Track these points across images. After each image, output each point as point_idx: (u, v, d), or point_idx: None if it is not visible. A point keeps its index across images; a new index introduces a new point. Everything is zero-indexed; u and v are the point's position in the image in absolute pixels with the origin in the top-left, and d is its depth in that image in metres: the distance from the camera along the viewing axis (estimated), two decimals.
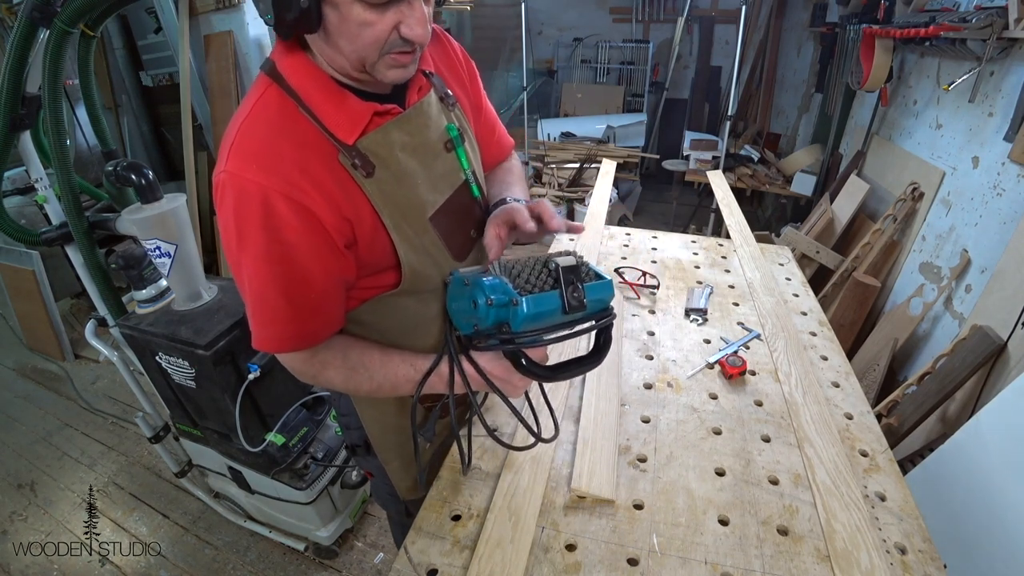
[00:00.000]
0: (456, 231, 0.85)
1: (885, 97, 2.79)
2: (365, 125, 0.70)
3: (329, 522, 1.76)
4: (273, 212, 0.64)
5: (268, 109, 0.67)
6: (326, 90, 0.68)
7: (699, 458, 0.92)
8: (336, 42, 0.63)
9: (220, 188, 0.65)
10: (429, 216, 0.78)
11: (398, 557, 0.76)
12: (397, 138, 0.73)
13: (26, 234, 1.60)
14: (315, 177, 0.66)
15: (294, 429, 1.61)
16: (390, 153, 0.72)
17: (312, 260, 0.68)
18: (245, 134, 0.66)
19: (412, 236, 0.76)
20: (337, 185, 0.68)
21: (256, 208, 0.64)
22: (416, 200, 0.76)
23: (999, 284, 1.75)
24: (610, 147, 4.43)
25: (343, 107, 0.68)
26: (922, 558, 0.76)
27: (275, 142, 0.66)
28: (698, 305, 1.36)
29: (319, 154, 0.67)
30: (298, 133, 0.67)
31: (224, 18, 3.01)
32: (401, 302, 0.82)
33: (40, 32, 1.34)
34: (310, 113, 0.67)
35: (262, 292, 0.69)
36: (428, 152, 0.78)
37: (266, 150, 0.65)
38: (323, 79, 0.68)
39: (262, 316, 0.71)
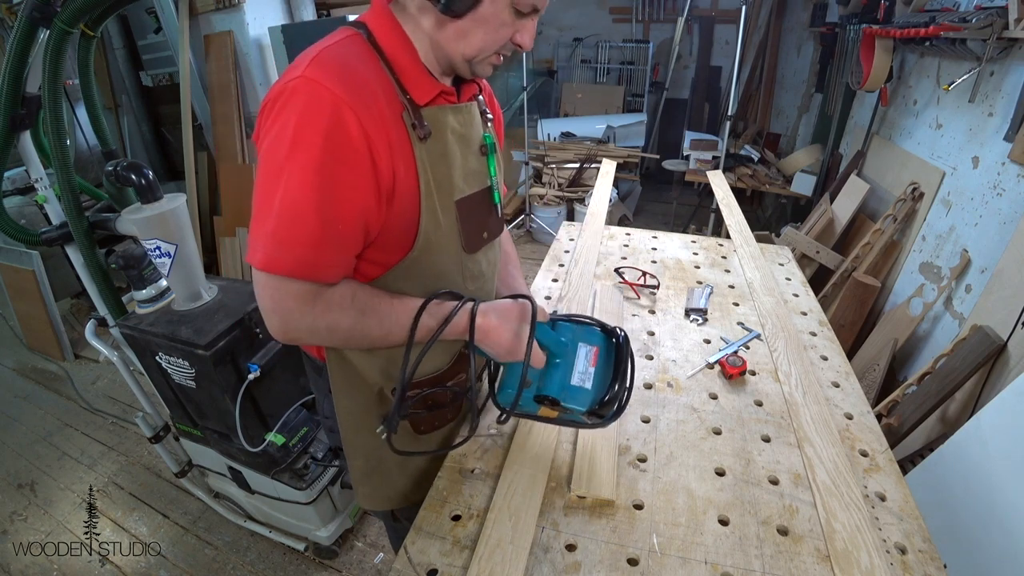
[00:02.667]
0: (473, 224, 0.87)
1: (885, 97, 2.79)
2: (434, 96, 0.75)
3: (329, 522, 1.76)
4: (343, 126, 0.64)
5: (352, 47, 0.71)
6: (412, 57, 0.73)
7: (699, 458, 0.92)
8: (473, 31, 0.69)
9: (288, 93, 0.64)
10: (456, 199, 0.81)
11: (398, 557, 0.76)
12: (450, 121, 0.79)
13: (26, 234, 1.60)
14: (383, 116, 0.69)
15: (294, 429, 1.61)
16: (442, 130, 0.77)
17: (358, 190, 0.68)
18: (329, 54, 0.67)
19: (438, 209, 0.78)
20: (393, 137, 0.70)
21: (327, 116, 0.63)
22: (450, 179, 0.79)
23: (999, 284, 1.75)
24: (610, 147, 4.42)
25: (421, 75, 0.74)
26: (922, 558, 0.76)
27: (358, 69, 0.68)
28: (698, 305, 1.36)
29: (389, 103, 0.70)
30: (375, 76, 0.70)
31: (224, 18, 3.01)
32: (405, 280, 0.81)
33: (40, 32, 1.34)
34: (389, 68, 0.72)
35: (298, 205, 0.65)
36: (468, 146, 0.83)
37: (349, 70, 0.67)
38: (411, 49, 0.74)
39: (286, 232, 0.66)
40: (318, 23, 2.95)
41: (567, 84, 5.50)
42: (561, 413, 0.78)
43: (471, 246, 0.87)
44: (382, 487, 1.02)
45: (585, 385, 0.77)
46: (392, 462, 0.99)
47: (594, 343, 0.81)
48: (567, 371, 0.78)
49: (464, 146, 0.82)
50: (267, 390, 1.51)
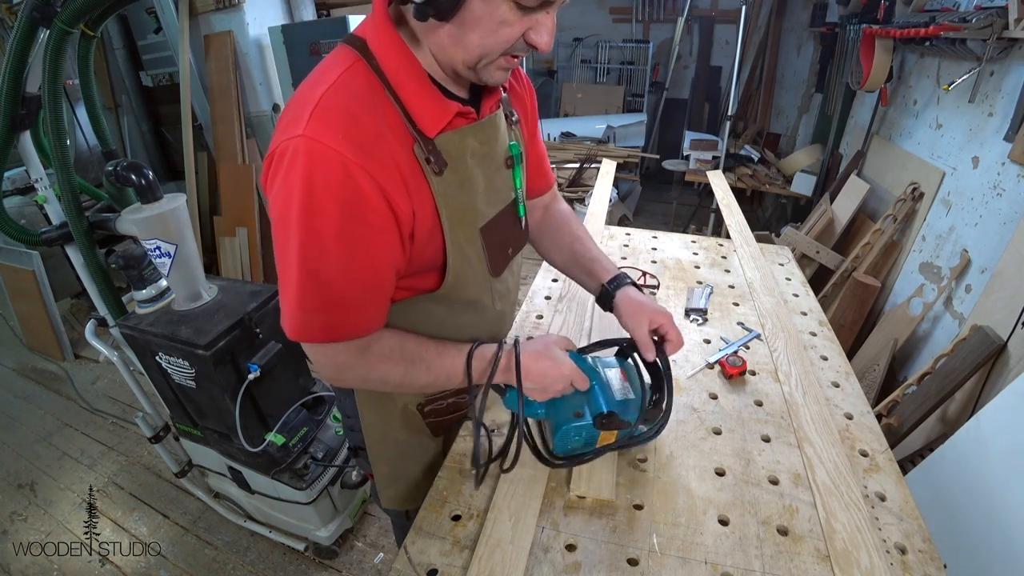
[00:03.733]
0: (499, 247, 0.84)
1: (885, 97, 2.79)
2: (448, 122, 0.69)
3: (329, 522, 1.76)
4: (356, 188, 0.60)
5: (355, 81, 0.64)
6: (417, 80, 0.66)
7: (699, 458, 0.92)
8: (466, 34, 0.61)
9: (291, 153, 0.60)
10: (480, 227, 0.78)
11: (398, 557, 0.76)
12: (470, 143, 0.73)
13: (26, 234, 1.60)
14: (395, 159, 0.64)
15: (294, 429, 1.61)
16: (461, 156, 0.72)
17: (383, 245, 0.66)
18: (331, 103, 0.61)
19: (463, 242, 0.76)
20: (406, 175, 0.66)
21: (337, 180, 0.59)
22: (473, 208, 0.76)
23: (999, 284, 1.75)
24: (610, 147, 4.43)
25: (430, 100, 0.67)
26: (922, 558, 0.76)
27: (361, 115, 0.62)
28: (698, 305, 1.36)
29: (398, 139, 0.65)
30: (381, 113, 0.64)
31: (224, 18, 3.01)
32: (432, 308, 0.81)
33: (40, 32, 1.34)
34: (396, 98, 0.65)
35: (320, 275, 0.63)
36: (491, 164, 0.78)
37: (353, 121, 0.61)
38: (417, 68, 0.67)
39: (312, 302, 0.65)
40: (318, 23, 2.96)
41: (567, 84, 5.50)
42: (619, 429, 0.83)
43: (497, 269, 0.86)
44: (407, 489, 1.03)
45: (629, 396, 0.84)
46: (418, 467, 1.02)
47: (614, 365, 0.90)
48: (608, 390, 0.84)
49: (487, 166, 0.77)
50: (267, 390, 1.51)
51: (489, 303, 0.88)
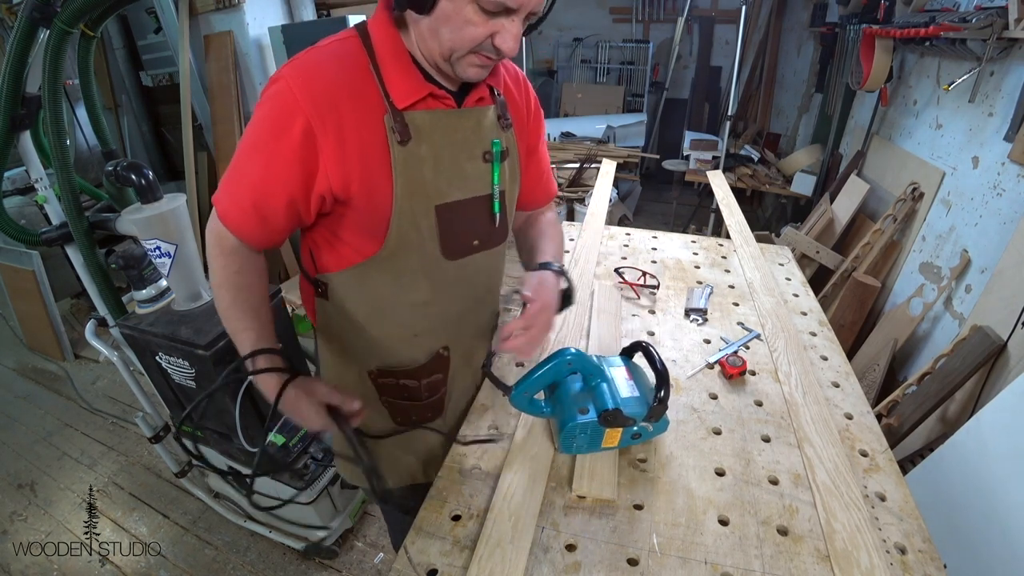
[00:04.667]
0: (457, 231, 0.87)
1: (885, 97, 2.79)
2: (418, 99, 0.77)
3: (329, 522, 1.76)
4: (287, 127, 0.72)
5: (342, 49, 0.76)
6: (400, 60, 0.76)
7: (699, 458, 0.92)
8: (438, 28, 0.70)
9: (270, 83, 0.74)
10: (437, 204, 0.82)
11: (398, 557, 0.76)
12: (440, 124, 0.80)
13: (26, 234, 1.60)
14: (343, 118, 0.73)
15: (294, 429, 1.61)
16: (429, 133, 0.79)
17: (287, 176, 0.75)
18: (311, 55, 0.75)
19: (412, 213, 0.81)
20: (367, 139, 0.75)
21: (278, 110, 0.73)
22: (431, 183, 0.81)
23: (999, 284, 1.75)
24: (610, 147, 4.42)
25: (407, 77, 0.76)
26: (922, 558, 0.76)
27: (329, 73, 0.74)
28: (698, 305, 1.36)
29: (367, 105, 0.75)
30: (356, 80, 0.75)
31: (224, 18, 3.01)
32: (377, 279, 0.87)
33: (40, 32, 1.34)
34: (377, 71, 0.75)
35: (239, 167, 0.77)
36: (464, 151, 0.84)
37: (317, 74, 0.73)
38: (402, 51, 0.76)
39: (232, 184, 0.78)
40: (318, 23, 2.95)
41: (567, 84, 5.50)
42: (623, 426, 0.85)
43: (453, 253, 0.88)
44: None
45: (635, 394, 0.87)
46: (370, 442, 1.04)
47: (619, 364, 0.93)
48: (613, 388, 0.87)
49: (460, 152, 0.83)
50: None
51: (429, 284, 0.89)
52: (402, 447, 1.07)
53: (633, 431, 0.88)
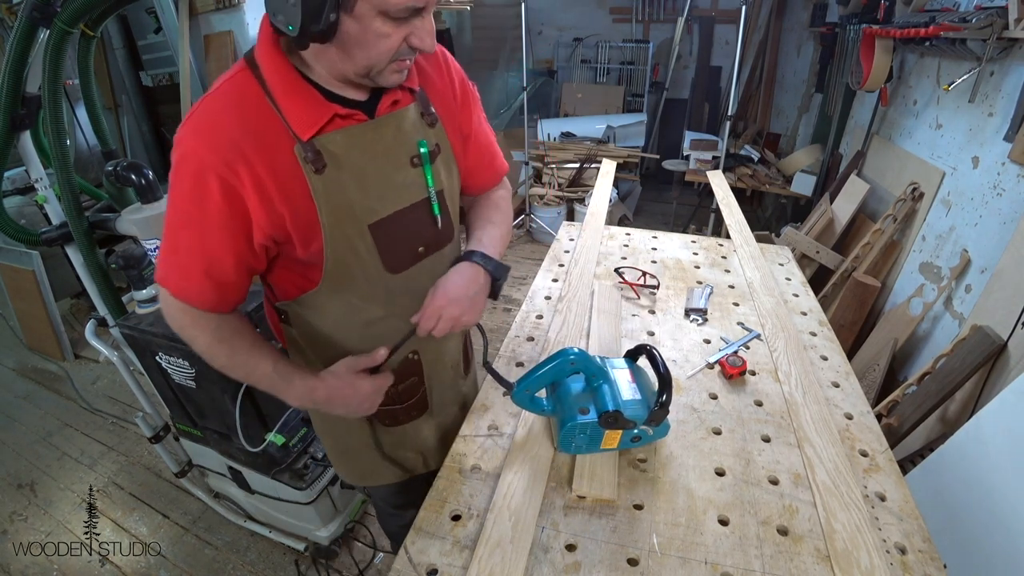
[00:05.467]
0: (398, 244, 0.85)
1: (885, 97, 2.79)
2: (324, 124, 0.73)
3: (329, 522, 1.76)
4: (203, 184, 0.70)
5: (234, 89, 0.72)
6: (293, 86, 0.72)
7: (699, 458, 0.92)
8: (350, 51, 0.68)
9: (174, 148, 0.72)
10: (369, 223, 0.80)
11: (398, 557, 0.76)
12: (356, 142, 0.77)
13: (26, 234, 1.60)
14: (255, 165, 0.70)
15: (294, 429, 1.61)
16: (345, 154, 0.76)
17: (224, 238, 0.73)
18: (205, 107, 0.71)
19: (345, 238, 0.79)
20: (282, 176, 0.72)
21: (189, 175, 0.70)
22: (359, 204, 0.78)
23: (999, 284, 1.75)
24: (610, 147, 4.42)
25: (306, 105, 0.72)
26: (922, 558, 0.76)
27: (228, 123, 0.70)
28: (698, 305, 1.36)
29: (274, 143, 0.71)
30: (256, 119, 0.71)
31: (224, 18, 3.01)
32: (327, 303, 0.86)
33: (40, 32, 1.34)
34: (275, 104, 0.71)
35: (176, 243, 0.75)
36: (388, 162, 0.81)
37: (216, 128, 0.70)
38: (292, 76, 0.72)
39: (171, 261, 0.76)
40: None
41: (567, 84, 5.49)
42: (624, 429, 0.86)
43: (396, 266, 0.86)
44: (354, 465, 1.13)
45: (636, 397, 0.87)
46: (359, 444, 1.08)
47: (623, 366, 0.93)
48: (615, 390, 0.87)
49: (382, 163, 0.80)
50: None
51: (392, 299, 0.89)
52: (399, 445, 1.10)
53: (633, 434, 0.88)
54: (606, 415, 0.83)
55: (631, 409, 0.85)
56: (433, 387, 1.08)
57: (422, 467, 1.14)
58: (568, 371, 0.89)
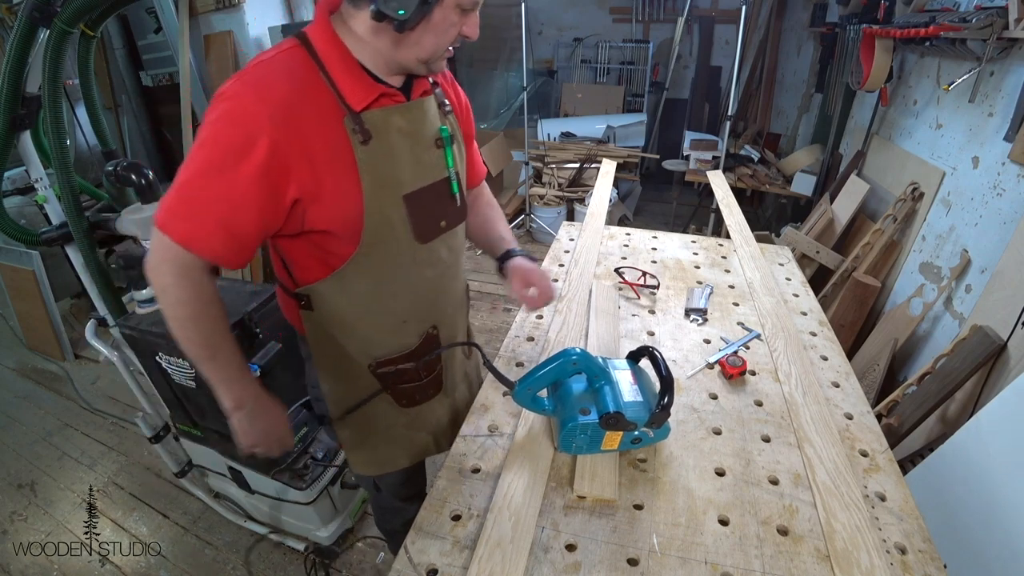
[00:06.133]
0: (425, 216, 0.92)
1: (885, 97, 2.79)
2: (372, 100, 0.81)
3: (329, 522, 1.76)
4: (250, 137, 0.72)
5: (288, 60, 0.77)
6: (347, 64, 0.79)
7: (699, 458, 0.92)
8: (423, 37, 0.76)
9: (216, 100, 0.74)
10: (404, 194, 0.87)
11: (398, 557, 0.76)
12: (395, 121, 0.84)
13: (26, 234, 1.60)
14: (305, 129, 0.75)
15: (294, 429, 1.60)
16: (387, 130, 0.83)
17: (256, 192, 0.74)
18: (260, 70, 0.76)
19: (383, 206, 0.85)
20: (330, 144, 0.78)
21: (237, 127, 0.72)
22: (397, 176, 0.86)
23: (999, 284, 1.75)
24: (610, 147, 4.42)
25: (358, 81, 0.80)
26: (922, 558, 0.76)
27: (283, 86, 0.75)
28: (698, 305, 1.36)
29: (324, 113, 0.77)
30: (309, 89, 0.77)
31: (224, 18, 3.01)
32: (359, 278, 0.90)
33: (40, 32, 1.34)
34: (329, 79, 0.78)
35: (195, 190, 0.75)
36: (419, 142, 0.89)
37: (271, 88, 0.74)
38: (347, 56, 0.79)
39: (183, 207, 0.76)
40: None
41: (567, 84, 5.49)
42: (625, 430, 0.86)
43: (424, 236, 0.93)
44: (371, 454, 1.15)
45: (638, 398, 0.87)
46: (377, 430, 1.11)
47: (625, 367, 0.93)
48: (617, 391, 0.87)
49: (415, 143, 0.88)
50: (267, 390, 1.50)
51: (416, 269, 0.95)
52: (414, 427, 1.14)
53: (634, 435, 0.88)
54: (607, 416, 0.83)
55: (632, 411, 0.85)
56: (447, 364, 1.14)
57: (434, 448, 1.18)
58: (570, 371, 0.89)
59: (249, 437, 0.94)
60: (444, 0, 0.73)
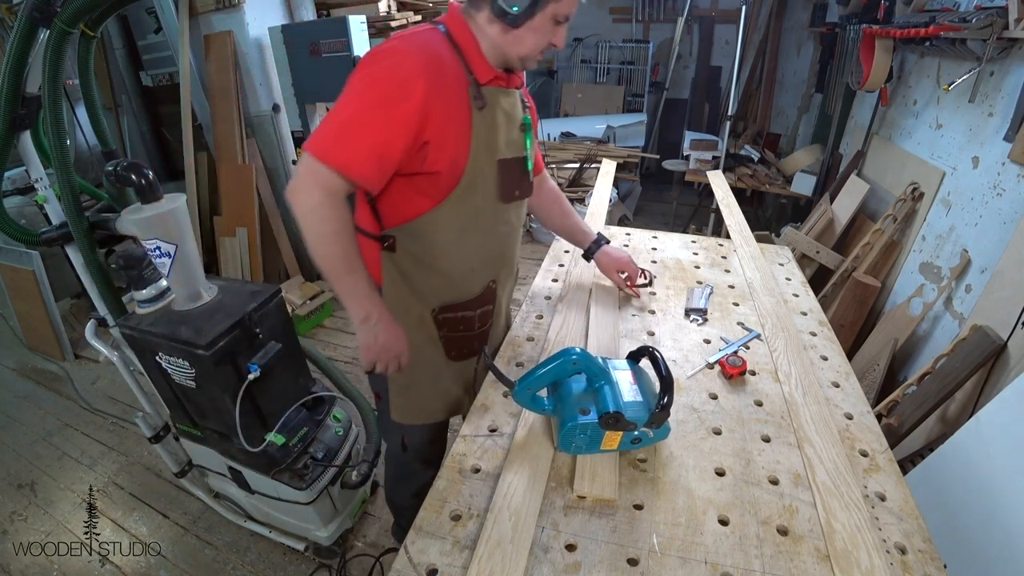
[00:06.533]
0: (508, 182, 1.09)
1: (885, 97, 2.79)
2: (491, 78, 1.01)
3: (329, 522, 1.76)
4: (411, 81, 0.89)
5: (433, 36, 0.96)
6: (475, 48, 0.99)
7: (699, 458, 0.92)
8: (525, 36, 0.95)
9: (385, 51, 0.91)
10: (498, 158, 1.04)
11: (398, 557, 0.76)
12: (501, 100, 1.03)
13: (26, 234, 1.59)
14: (446, 85, 0.94)
15: (294, 429, 1.60)
16: (495, 105, 1.02)
17: (405, 128, 0.91)
18: (414, 33, 0.95)
19: (483, 163, 1.02)
20: (456, 103, 0.96)
21: (401, 71, 0.90)
22: (496, 142, 1.03)
23: (999, 284, 1.75)
24: (610, 147, 4.43)
25: (483, 63, 1.00)
26: (922, 558, 0.76)
27: (436, 52, 0.94)
28: (698, 305, 1.36)
29: (456, 79, 0.96)
30: (449, 59, 0.95)
31: (224, 18, 3.01)
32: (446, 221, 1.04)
33: (40, 32, 1.34)
34: (461, 56, 0.97)
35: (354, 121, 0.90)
36: (511, 121, 1.07)
37: (427, 46, 0.93)
38: (477, 44, 0.99)
39: (340, 136, 0.91)
40: (318, 23, 2.95)
41: (567, 84, 5.50)
42: (624, 431, 0.86)
43: (505, 197, 1.09)
44: (414, 401, 1.25)
45: (638, 399, 0.88)
46: (427, 378, 1.22)
47: (625, 367, 0.94)
48: (617, 391, 0.88)
49: (509, 121, 1.06)
50: (267, 390, 1.50)
51: (492, 222, 1.10)
52: (456, 381, 1.26)
53: (634, 436, 0.88)
54: (607, 416, 0.83)
55: (632, 411, 0.85)
56: (495, 323, 1.26)
57: (466, 407, 1.27)
58: (570, 371, 0.89)
59: (372, 351, 1.06)
60: (545, 9, 0.92)
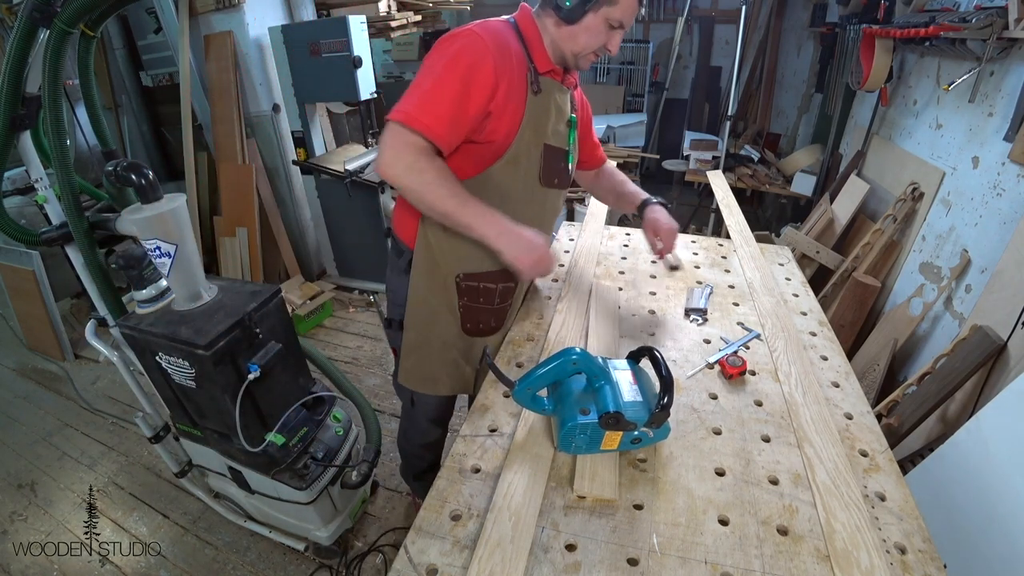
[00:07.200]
0: (550, 167, 1.17)
1: (885, 97, 2.79)
2: (548, 70, 1.11)
3: (329, 522, 1.76)
4: (484, 64, 0.99)
5: (504, 26, 1.08)
6: (539, 42, 1.10)
7: (699, 458, 0.92)
8: (579, 34, 1.05)
9: (461, 34, 1.01)
10: (544, 143, 1.13)
11: (398, 557, 0.76)
12: (554, 92, 1.13)
13: (26, 234, 1.59)
14: (511, 68, 1.03)
15: (294, 429, 1.60)
16: (549, 94, 1.11)
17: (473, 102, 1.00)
18: (490, 24, 1.05)
19: (530, 143, 1.10)
20: (517, 85, 1.05)
21: (475, 50, 0.99)
22: (544, 128, 1.12)
23: (999, 284, 1.75)
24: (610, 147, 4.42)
25: (544, 55, 1.10)
26: (922, 558, 0.76)
27: (504, 37, 1.04)
28: (698, 305, 1.36)
29: (519, 65, 1.06)
30: (514, 46, 1.06)
31: (224, 18, 3.01)
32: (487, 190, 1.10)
33: (40, 32, 1.34)
34: (525, 45, 1.08)
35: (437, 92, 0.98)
36: (560, 115, 1.16)
37: (498, 33, 1.04)
38: (541, 39, 1.10)
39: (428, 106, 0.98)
40: (318, 23, 2.95)
41: None
42: (625, 431, 0.86)
43: (545, 180, 1.17)
44: (421, 365, 1.30)
45: (638, 399, 0.88)
46: (438, 344, 1.27)
47: (625, 367, 0.95)
48: (617, 391, 0.88)
49: (558, 114, 1.15)
50: (267, 390, 1.50)
51: (527, 202, 1.17)
52: (463, 355, 1.30)
53: (634, 436, 0.88)
54: (607, 416, 0.83)
55: (632, 411, 0.85)
56: (513, 304, 1.31)
57: (472, 388, 1.34)
58: (570, 371, 0.89)
59: (521, 259, 1.04)
60: (599, 10, 1.01)
